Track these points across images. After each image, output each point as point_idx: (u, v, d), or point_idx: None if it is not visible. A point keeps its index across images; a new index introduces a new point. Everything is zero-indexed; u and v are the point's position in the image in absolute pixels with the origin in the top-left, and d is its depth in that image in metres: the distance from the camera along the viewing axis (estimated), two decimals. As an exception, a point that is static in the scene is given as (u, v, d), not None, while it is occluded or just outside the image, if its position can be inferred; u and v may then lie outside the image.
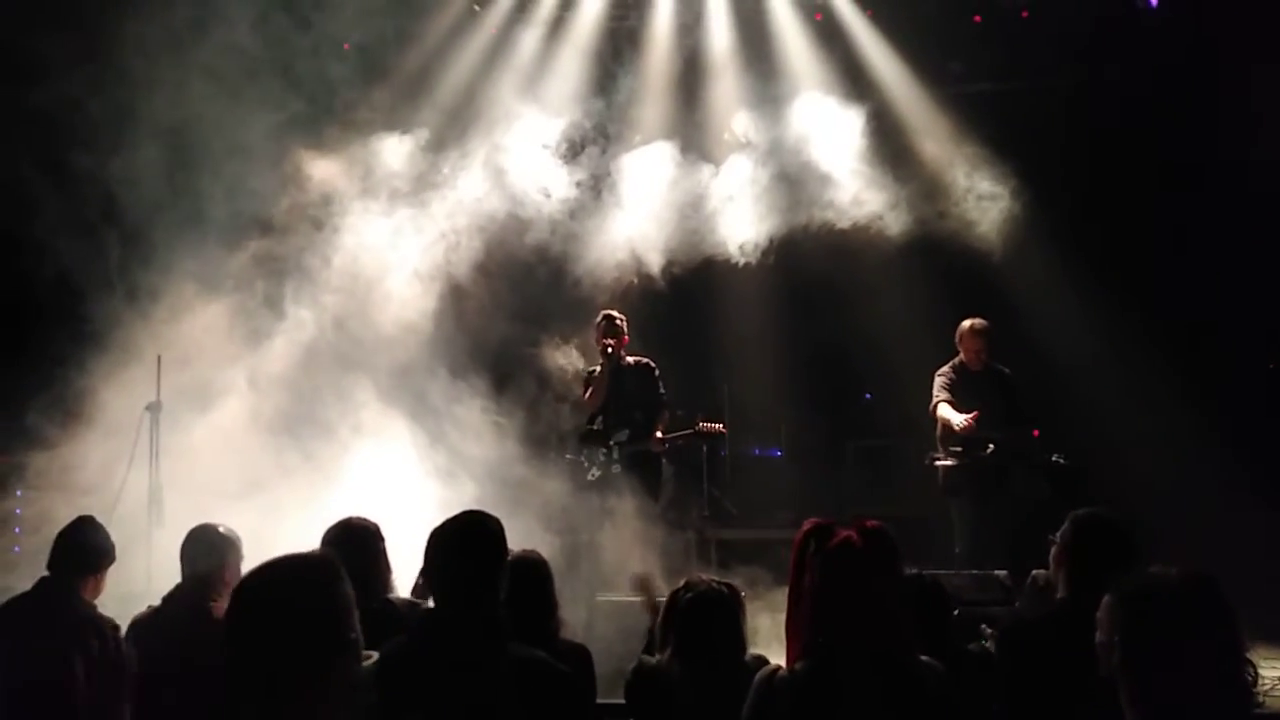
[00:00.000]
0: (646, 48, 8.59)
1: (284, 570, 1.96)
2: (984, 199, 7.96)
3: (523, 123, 8.01)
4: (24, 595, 3.86)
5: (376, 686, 2.58)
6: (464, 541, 2.82)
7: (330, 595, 1.93)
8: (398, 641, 2.75)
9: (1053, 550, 3.41)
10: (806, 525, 2.58)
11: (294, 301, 7.19)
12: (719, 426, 7.40)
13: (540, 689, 2.64)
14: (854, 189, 7.89)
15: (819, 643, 2.49)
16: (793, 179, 8.02)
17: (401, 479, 6.46)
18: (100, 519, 4.22)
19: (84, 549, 3.95)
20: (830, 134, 8.02)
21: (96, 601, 4.02)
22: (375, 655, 2.64)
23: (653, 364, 7.28)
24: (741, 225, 7.93)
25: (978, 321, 6.96)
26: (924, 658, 2.52)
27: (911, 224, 7.92)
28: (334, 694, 1.90)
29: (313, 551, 2.06)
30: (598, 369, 7.19)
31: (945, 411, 6.75)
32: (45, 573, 3.89)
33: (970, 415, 6.57)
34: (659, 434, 7.10)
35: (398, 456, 6.65)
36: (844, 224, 7.88)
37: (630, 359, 7.21)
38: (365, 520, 3.93)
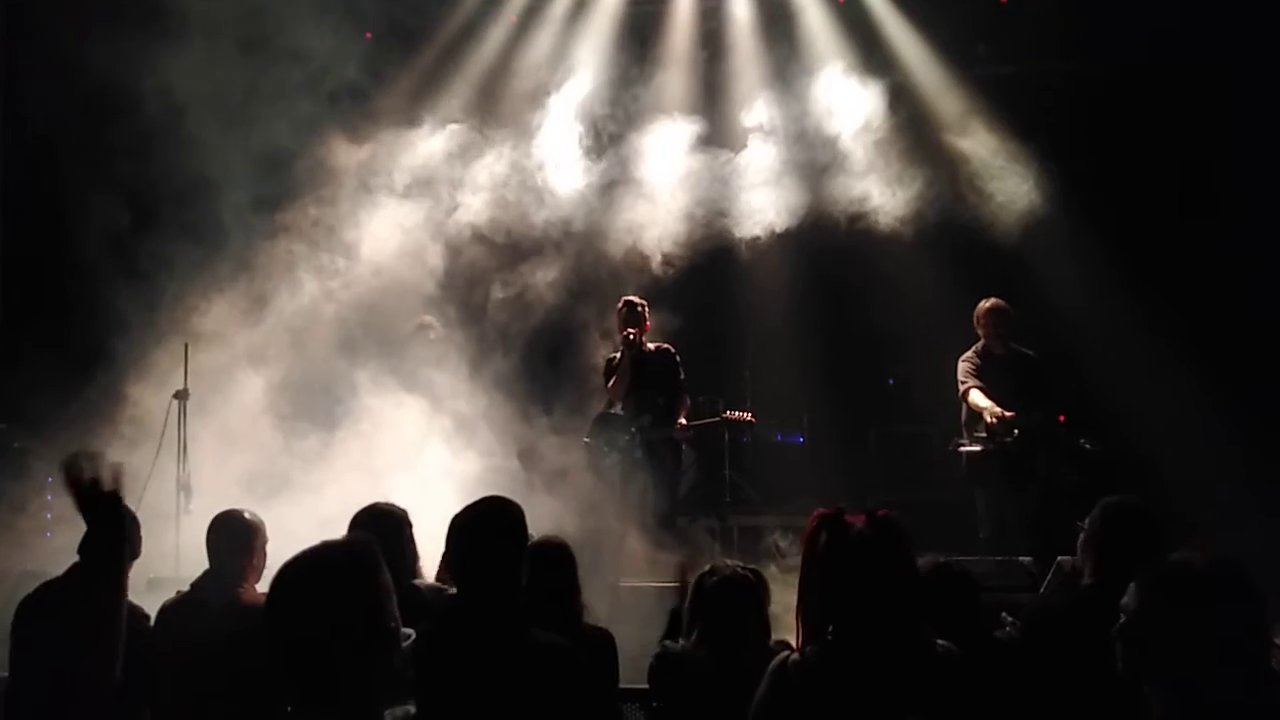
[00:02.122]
0: (668, 31, 8.57)
1: (325, 558, 1.96)
2: (1009, 183, 7.89)
3: (542, 107, 8.03)
4: (54, 581, 3.90)
5: (413, 667, 2.60)
6: (484, 528, 2.83)
7: (370, 583, 1.92)
8: (424, 628, 2.77)
9: (1081, 537, 3.39)
10: (816, 514, 2.60)
11: (315, 286, 7.23)
12: (747, 415, 7.38)
13: (561, 675, 2.65)
14: (876, 172, 7.84)
15: (828, 629, 2.51)
16: (815, 163, 7.98)
17: (420, 462, 6.50)
18: (129, 506, 4.26)
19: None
20: (853, 117, 7.97)
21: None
22: (413, 634, 2.65)
23: (673, 349, 7.26)
24: (763, 209, 7.90)
25: (995, 301, 6.83)
26: (940, 641, 2.52)
27: (935, 208, 7.86)
28: (374, 680, 1.90)
29: (353, 538, 2.04)
30: (618, 355, 7.19)
31: (978, 398, 6.64)
32: (76, 559, 3.92)
33: (1006, 413, 6.49)
34: (683, 421, 7.09)
35: (416, 439, 6.68)
36: (866, 208, 7.83)
37: (651, 345, 7.20)
38: (393, 506, 3.96)
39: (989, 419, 6.55)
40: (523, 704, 2.62)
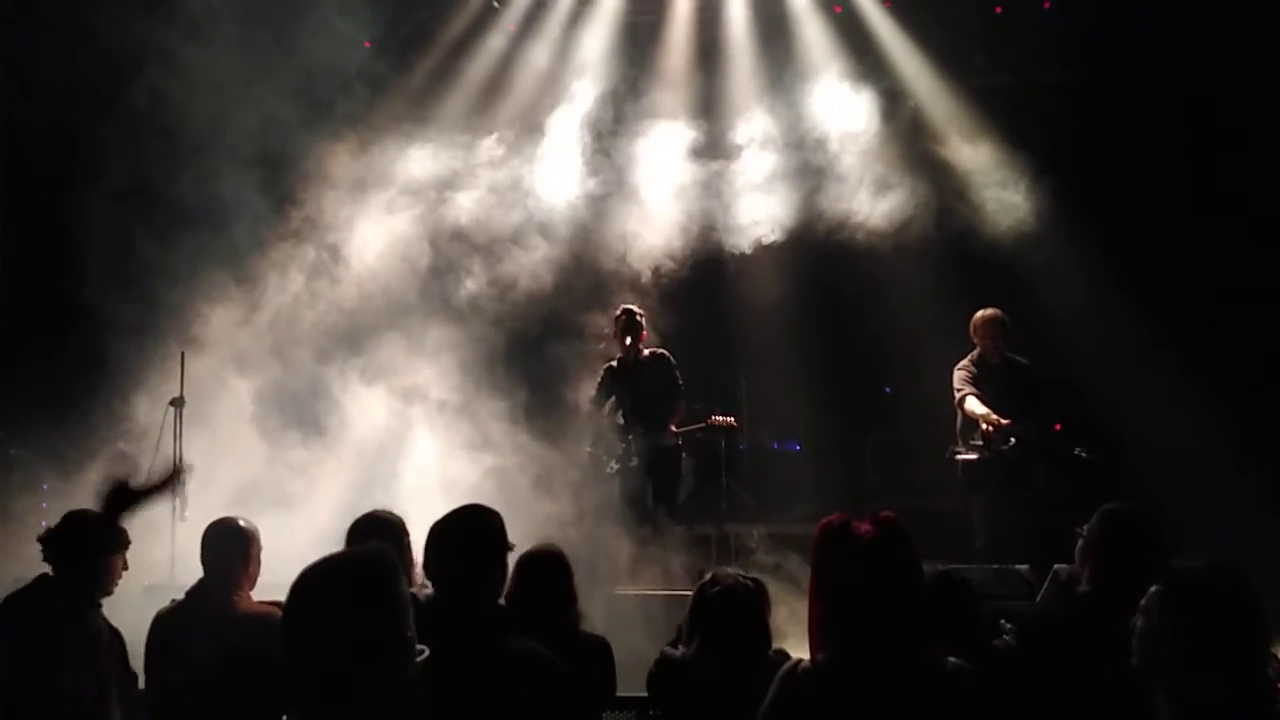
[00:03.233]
0: (665, 40, 8.58)
1: (345, 565, 1.95)
2: (1004, 192, 7.92)
3: (540, 115, 8.04)
4: (20, 591, 3.85)
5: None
6: (462, 536, 2.83)
7: (389, 592, 1.91)
8: None
9: (1079, 544, 3.39)
10: (824, 522, 2.61)
11: (313, 294, 7.22)
12: (731, 420, 7.37)
13: (538, 682, 2.64)
14: (872, 182, 7.86)
15: (840, 636, 2.50)
16: (811, 172, 8.00)
17: (415, 472, 6.48)
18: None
19: (72, 543, 3.89)
20: (849, 126, 8.00)
21: (120, 593, 4.03)
22: (426, 651, 2.63)
23: (669, 355, 7.27)
24: (760, 218, 7.92)
25: (992, 311, 6.84)
26: (951, 657, 2.52)
27: (930, 217, 7.88)
28: (390, 691, 1.89)
29: (371, 547, 2.03)
30: (615, 362, 7.20)
31: (974, 405, 6.65)
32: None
33: (1003, 420, 6.51)
34: (673, 427, 7.09)
35: (411, 449, 6.67)
36: (862, 217, 7.85)
37: (647, 351, 7.21)
38: (391, 514, 3.95)
39: (985, 426, 6.56)
40: (498, 711, 2.60)
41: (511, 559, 3.59)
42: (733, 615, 3.14)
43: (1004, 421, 6.51)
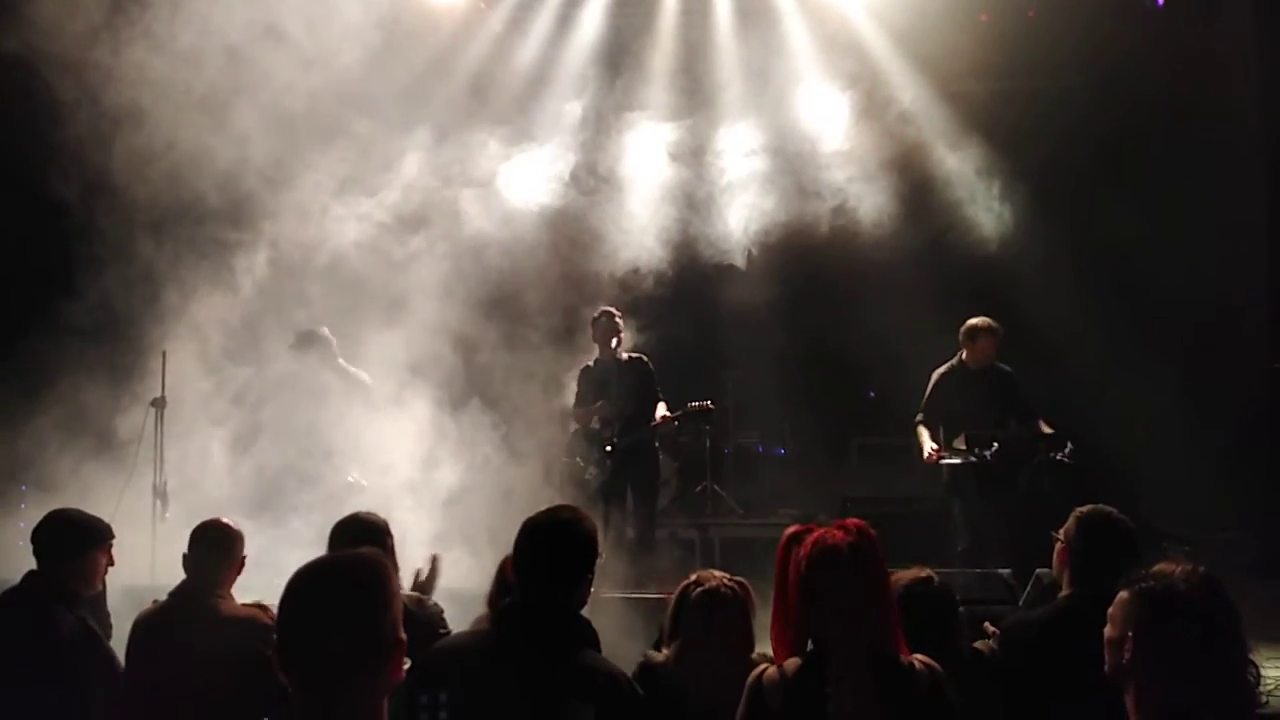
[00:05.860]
0: (650, 42, 8.60)
1: (339, 569, 1.95)
2: (988, 197, 7.97)
3: (524, 117, 8.03)
4: (6, 594, 3.81)
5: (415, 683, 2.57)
6: (553, 537, 2.76)
7: (383, 595, 1.91)
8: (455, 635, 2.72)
9: (1056, 548, 3.41)
10: (788, 530, 2.64)
11: (288, 294, 7.19)
12: (708, 403, 7.29)
13: (601, 700, 2.59)
14: (856, 188, 7.90)
15: (806, 642, 2.52)
16: (796, 177, 8.03)
17: (396, 478, 6.46)
18: (106, 513, 4.21)
19: (52, 540, 3.86)
20: (834, 132, 8.03)
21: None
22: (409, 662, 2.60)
23: (647, 359, 7.29)
24: (745, 221, 7.94)
25: (983, 320, 6.80)
26: (918, 655, 2.53)
27: (916, 221, 7.92)
28: (381, 693, 1.89)
29: (365, 551, 2.03)
30: (593, 364, 7.22)
31: (920, 436, 6.78)
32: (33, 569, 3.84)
33: (933, 452, 6.60)
34: (665, 414, 7.02)
35: (393, 456, 6.64)
36: (847, 220, 7.89)
37: (625, 355, 7.23)
38: (374, 516, 3.94)
39: (925, 457, 6.62)
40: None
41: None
42: (714, 618, 3.14)
43: (932, 452, 6.60)
